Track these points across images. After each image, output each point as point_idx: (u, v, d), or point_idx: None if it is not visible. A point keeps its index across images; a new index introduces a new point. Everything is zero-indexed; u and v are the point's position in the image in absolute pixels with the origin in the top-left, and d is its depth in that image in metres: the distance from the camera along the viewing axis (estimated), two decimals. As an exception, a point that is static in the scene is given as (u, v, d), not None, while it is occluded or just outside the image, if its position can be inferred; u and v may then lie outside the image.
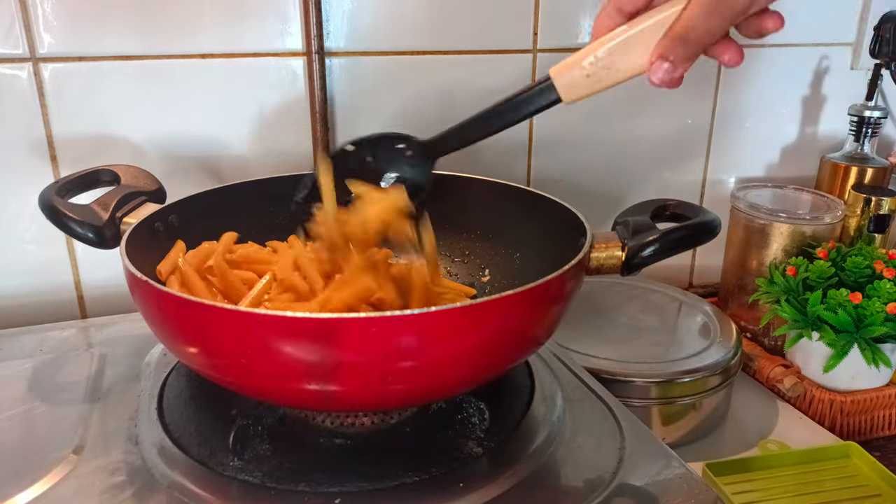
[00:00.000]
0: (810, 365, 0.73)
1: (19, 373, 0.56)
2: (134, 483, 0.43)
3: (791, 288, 0.72)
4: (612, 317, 0.73)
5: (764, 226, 0.79)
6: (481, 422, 0.49)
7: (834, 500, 0.59)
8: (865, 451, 0.63)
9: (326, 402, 0.43)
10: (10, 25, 0.64)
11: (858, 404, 0.70)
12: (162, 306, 0.42)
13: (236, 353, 0.40)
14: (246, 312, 0.39)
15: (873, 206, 0.82)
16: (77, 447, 0.46)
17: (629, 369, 0.63)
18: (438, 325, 0.39)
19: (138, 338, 0.61)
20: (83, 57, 0.66)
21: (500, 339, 0.43)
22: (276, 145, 0.74)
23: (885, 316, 0.66)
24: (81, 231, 0.52)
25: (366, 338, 0.38)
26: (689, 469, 0.45)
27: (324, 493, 0.42)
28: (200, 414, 0.50)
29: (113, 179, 0.59)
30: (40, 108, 0.66)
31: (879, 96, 0.88)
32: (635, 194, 0.88)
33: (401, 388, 0.41)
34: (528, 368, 0.56)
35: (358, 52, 0.74)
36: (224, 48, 0.70)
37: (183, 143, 0.72)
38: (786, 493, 0.60)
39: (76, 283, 0.72)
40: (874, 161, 0.87)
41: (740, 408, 0.71)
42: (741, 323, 0.82)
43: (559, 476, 0.45)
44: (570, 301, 0.47)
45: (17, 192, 0.68)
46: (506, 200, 0.62)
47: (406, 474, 0.43)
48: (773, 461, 0.63)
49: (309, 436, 0.48)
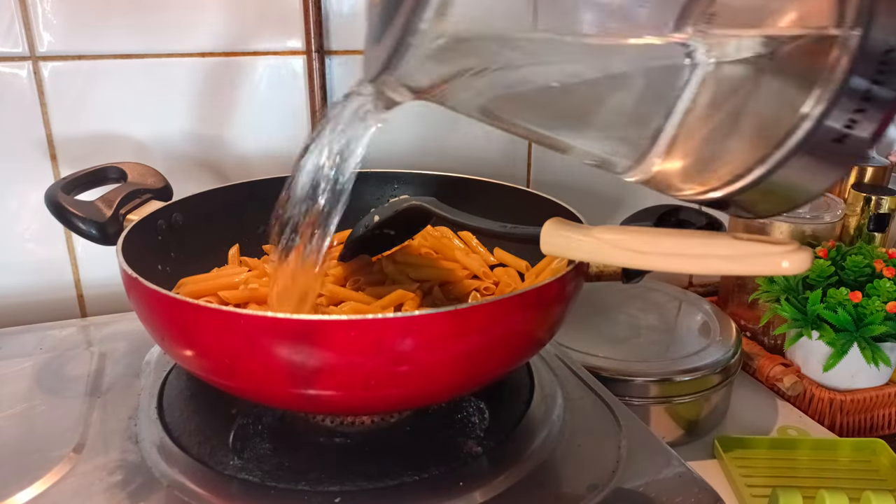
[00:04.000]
0: (810, 364, 0.73)
1: (19, 371, 0.56)
2: (134, 482, 0.43)
3: (791, 287, 0.72)
4: (612, 315, 0.73)
5: (764, 225, 0.79)
6: (481, 421, 0.49)
7: (848, 487, 0.58)
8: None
9: (311, 404, 0.43)
10: (9, 24, 0.63)
11: (858, 403, 0.70)
12: (151, 304, 0.42)
13: (220, 353, 0.40)
14: (230, 312, 0.39)
15: (873, 204, 0.82)
16: (77, 446, 0.46)
17: (629, 368, 0.63)
18: (424, 330, 0.38)
19: (138, 336, 0.61)
20: (83, 56, 0.66)
21: (491, 345, 0.42)
22: (277, 144, 0.74)
23: (884, 315, 0.66)
24: (84, 227, 0.53)
25: (347, 340, 0.37)
26: (689, 468, 0.45)
27: (324, 492, 0.42)
28: (200, 413, 0.50)
29: (120, 176, 0.59)
30: (40, 107, 0.66)
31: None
32: (635, 194, 0.88)
33: (386, 393, 0.41)
34: (528, 367, 0.56)
35: (358, 50, 0.74)
36: (224, 46, 0.70)
37: (183, 142, 0.72)
38: (799, 476, 0.60)
39: (76, 281, 0.72)
40: (874, 160, 0.87)
41: (740, 407, 0.71)
42: (741, 322, 0.82)
43: (559, 475, 0.45)
44: (567, 307, 0.47)
45: (17, 191, 0.68)
46: (506, 201, 0.62)
47: (406, 473, 0.43)
48: (790, 445, 0.63)
49: (309, 435, 0.48)
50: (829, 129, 0.31)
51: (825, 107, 0.31)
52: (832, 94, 0.31)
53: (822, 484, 0.56)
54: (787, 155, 0.32)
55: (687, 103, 0.33)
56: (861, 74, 0.30)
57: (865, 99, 0.31)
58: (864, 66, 0.30)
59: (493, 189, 0.63)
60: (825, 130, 0.31)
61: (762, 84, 0.33)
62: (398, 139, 0.78)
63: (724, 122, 0.34)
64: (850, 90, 0.31)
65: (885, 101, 0.31)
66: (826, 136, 0.32)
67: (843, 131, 0.31)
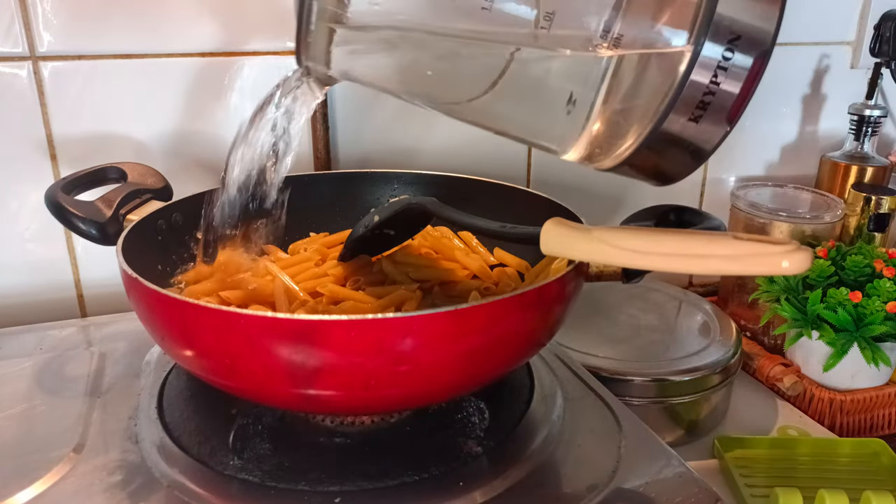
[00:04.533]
0: (810, 364, 0.73)
1: (19, 371, 0.56)
2: (134, 482, 0.43)
3: (791, 287, 0.72)
4: (612, 315, 0.73)
5: (764, 224, 0.79)
6: (481, 421, 0.49)
7: (848, 487, 0.58)
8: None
9: (311, 404, 0.43)
10: (9, 24, 0.63)
11: (858, 403, 0.70)
12: (151, 304, 0.42)
13: (220, 353, 0.40)
14: (230, 312, 0.39)
15: (873, 204, 0.82)
16: (77, 446, 0.46)
17: (629, 368, 0.63)
18: (424, 330, 0.38)
19: (138, 336, 0.61)
20: (83, 55, 0.66)
21: (491, 345, 0.42)
22: (276, 144, 0.74)
23: (884, 315, 0.66)
24: (84, 227, 0.53)
25: (347, 340, 0.38)
26: (689, 468, 0.45)
27: (324, 492, 0.42)
28: (200, 413, 0.50)
29: (120, 177, 0.59)
30: (40, 107, 0.66)
31: (879, 95, 0.88)
32: (635, 194, 0.88)
33: (386, 393, 0.41)
34: (528, 367, 0.56)
35: (358, 50, 0.74)
36: (224, 47, 0.70)
37: (183, 142, 0.71)
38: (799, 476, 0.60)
39: (76, 281, 0.72)
40: (874, 160, 0.87)
41: (740, 407, 0.71)
42: (741, 322, 0.82)
43: (559, 475, 0.45)
44: (567, 307, 0.47)
45: (17, 191, 0.68)
46: (506, 200, 0.62)
47: (406, 473, 0.43)
48: (790, 445, 0.63)
49: (309, 435, 0.48)
50: (697, 84, 0.36)
51: (688, 62, 0.35)
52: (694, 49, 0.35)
53: (822, 484, 0.56)
54: (665, 110, 0.36)
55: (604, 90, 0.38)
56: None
57: (729, 52, 0.36)
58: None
59: (493, 189, 0.63)
60: (693, 86, 0.36)
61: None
62: (399, 140, 0.78)
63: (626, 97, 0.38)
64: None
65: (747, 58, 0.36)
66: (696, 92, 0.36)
67: (710, 87, 0.36)
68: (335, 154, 0.76)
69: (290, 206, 0.53)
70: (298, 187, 0.65)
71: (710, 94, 0.36)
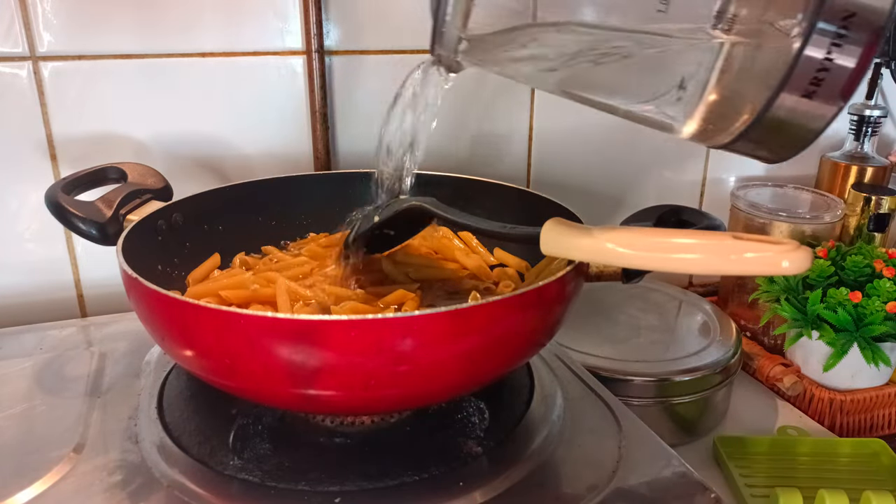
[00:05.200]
0: (810, 364, 0.73)
1: (19, 371, 0.56)
2: (134, 482, 0.43)
3: (791, 287, 0.72)
4: (612, 315, 0.73)
5: (764, 225, 0.79)
6: (481, 421, 0.49)
7: (848, 487, 0.58)
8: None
9: (311, 404, 0.43)
10: (9, 24, 0.63)
11: (858, 403, 0.70)
12: (151, 304, 0.42)
13: (220, 353, 0.40)
14: (230, 312, 0.39)
15: (873, 204, 0.82)
16: (77, 446, 0.46)
17: (629, 368, 0.63)
18: (424, 330, 0.38)
19: (138, 336, 0.61)
20: (83, 55, 0.66)
21: (491, 345, 0.42)
22: (277, 144, 0.74)
23: (884, 315, 0.66)
24: (84, 227, 0.53)
25: (347, 340, 0.38)
26: (689, 468, 0.45)
27: (323, 492, 0.42)
28: (200, 413, 0.50)
29: (120, 177, 0.59)
30: (40, 107, 0.66)
31: (879, 95, 0.88)
32: (635, 194, 0.88)
33: (386, 393, 0.41)
34: (528, 367, 0.56)
35: (358, 50, 0.74)
36: (224, 46, 0.70)
37: (184, 142, 0.72)
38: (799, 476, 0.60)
39: (76, 281, 0.72)
40: (874, 160, 0.87)
41: (740, 406, 0.71)
42: (741, 322, 0.82)
43: (559, 475, 0.45)
44: (567, 307, 0.47)
45: (17, 191, 0.68)
46: (506, 201, 0.62)
47: (406, 473, 0.43)
48: (789, 445, 0.63)
49: (309, 435, 0.48)
50: (811, 60, 0.36)
51: (803, 38, 0.35)
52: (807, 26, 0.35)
53: (822, 484, 0.56)
54: (779, 86, 0.37)
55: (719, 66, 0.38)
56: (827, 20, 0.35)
57: (843, 29, 0.36)
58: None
59: (493, 189, 0.63)
60: (807, 61, 0.36)
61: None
62: (398, 139, 0.78)
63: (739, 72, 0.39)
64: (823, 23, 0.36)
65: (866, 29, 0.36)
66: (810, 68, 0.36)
67: (824, 63, 0.36)
68: (335, 154, 0.76)
69: (290, 207, 0.53)
70: (298, 187, 0.65)
71: (824, 69, 0.36)
